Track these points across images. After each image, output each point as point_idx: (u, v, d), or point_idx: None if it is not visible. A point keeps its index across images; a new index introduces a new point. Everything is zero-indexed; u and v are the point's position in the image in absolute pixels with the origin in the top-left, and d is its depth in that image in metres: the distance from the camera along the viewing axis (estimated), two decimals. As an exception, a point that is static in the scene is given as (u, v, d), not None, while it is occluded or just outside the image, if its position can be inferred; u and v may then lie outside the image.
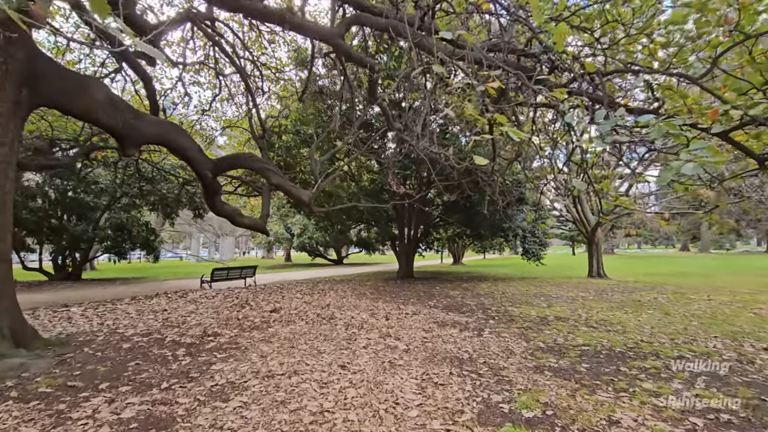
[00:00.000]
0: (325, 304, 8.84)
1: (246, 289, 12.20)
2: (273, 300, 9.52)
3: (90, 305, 8.87)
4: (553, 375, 4.08)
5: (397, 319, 7.05)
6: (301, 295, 10.73)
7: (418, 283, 14.64)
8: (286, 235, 33.22)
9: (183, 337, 5.56)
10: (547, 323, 6.81)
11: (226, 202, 9.25)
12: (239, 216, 9.12)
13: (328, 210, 11.07)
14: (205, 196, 8.79)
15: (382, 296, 10.74)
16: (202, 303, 9.12)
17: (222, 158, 8.43)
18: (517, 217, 13.63)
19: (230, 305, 8.62)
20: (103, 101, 5.84)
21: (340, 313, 7.61)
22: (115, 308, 8.43)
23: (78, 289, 13.37)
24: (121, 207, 19.06)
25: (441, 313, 7.88)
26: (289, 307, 8.38)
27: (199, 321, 6.90)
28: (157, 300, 9.67)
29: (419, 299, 10.12)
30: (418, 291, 12.06)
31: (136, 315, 7.58)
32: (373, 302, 9.39)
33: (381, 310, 8.09)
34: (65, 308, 8.34)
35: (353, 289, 12.70)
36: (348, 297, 10.41)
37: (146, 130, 6.57)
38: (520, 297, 10.42)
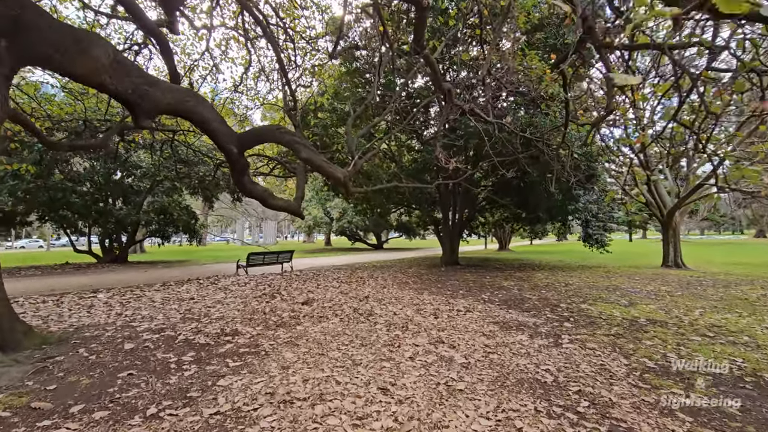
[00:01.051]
0: (363, 295, 7.85)
1: (281, 276, 11.54)
2: (306, 289, 8.68)
3: (120, 291, 8.47)
4: (694, 421, 2.77)
5: (448, 318, 5.89)
6: (337, 283, 9.84)
7: (464, 271, 13.36)
8: (326, 219, 32.83)
9: (197, 336, 4.75)
10: (641, 329, 5.36)
11: (256, 182, 8.43)
12: (271, 197, 8.26)
13: (367, 191, 10.01)
14: (232, 175, 8.00)
15: (427, 286, 9.61)
16: (232, 291, 8.46)
17: (247, 131, 7.54)
18: (583, 198, 11.85)
19: (260, 294, 7.86)
20: (108, 63, 4.99)
21: (380, 307, 6.58)
22: (143, 295, 7.94)
23: (119, 273, 13.38)
24: (164, 191, 19.18)
25: (500, 310, 6.62)
26: (323, 298, 7.47)
27: (222, 314, 6.13)
28: (187, 286, 9.15)
29: (469, 291, 8.89)
30: (467, 281, 10.80)
31: (160, 304, 6.99)
32: (418, 294, 8.29)
33: (427, 304, 6.96)
34: (93, 294, 7.95)
35: (394, 277, 11.66)
36: (389, 287, 9.39)
37: (161, 98, 5.71)
38: (590, 291, 8.89)
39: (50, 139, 8.71)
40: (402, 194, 15.59)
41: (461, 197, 15.91)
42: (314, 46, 11.85)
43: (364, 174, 14.55)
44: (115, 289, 8.85)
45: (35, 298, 7.51)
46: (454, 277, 11.82)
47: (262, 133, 7.57)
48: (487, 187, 15.28)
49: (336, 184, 8.46)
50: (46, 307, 6.56)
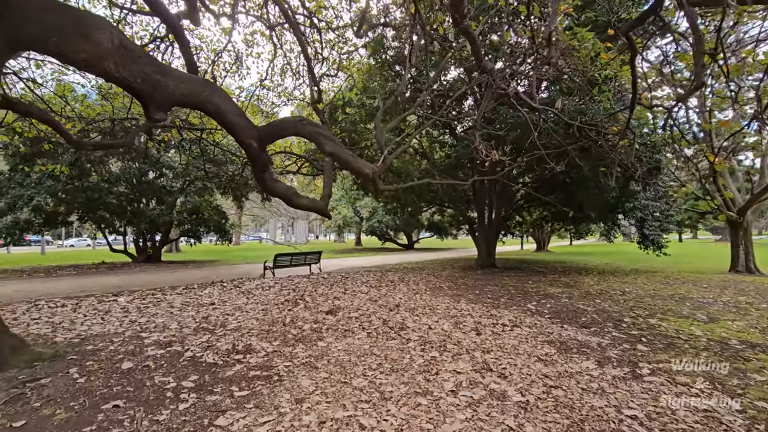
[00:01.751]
0: (393, 303, 7.12)
1: (307, 279, 11.01)
2: (332, 295, 8.06)
3: (142, 294, 8.19)
4: None
5: (493, 335, 5.06)
6: (366, 288, 9.17)
7: (503, 275, 12.35)
8: (355, 218, 32.40)
9: (206, 352, 4.19)
10: (739, 355, 4.31)
11: (278, 180, 7.89)
12: (295, 196, 7.70)
13: (397, 188, 9.28)
14: (253, 172, 7.51)
15: (464, 293, 8.76)
16: (254, 296, 7.97)
17: (268, 125, 6.99)
18: (641, 194, 10.53)
19: (282, 301, 7.30)
20: (112, 48, 4.50)
21: (412, 319, 5.82)
22: (163, 299, 7.60)
23: (150, 273, 13.36)
24: (195, 191, 19.29)
25: (552, 325, 5.70)
26: (350, 306, 6.80)
27: (239, 323, 5.59)
28: (210, 290, 8.77)
29: (512, 299, 7.97)
30: (507, 286, 9.84)
31: (178, 310, 6.56)
32: (454, 302, 7.47)
33: (466, 316, 6.13)
34: (114, 298, 7.69)
35: (427, 281, 10.86)
36: (422, 293, 8.61)
37: (174, 89, 5.20)
38: (653, 301, 7.73)
39: (76, 139, 8.58)
40: (434, 192, 14.74)
41: (497, 195, 14.87)
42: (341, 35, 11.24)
43: (395, 171, 13.84)
44: (139, 291, 8.60)
45: (57, 301, 7.32)
46: (492, 281, 10.87)
47: (283, 126, 6.98)
48: (526, 184, 14.16)
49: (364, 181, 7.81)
50: (62, 312, 6.29)
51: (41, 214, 16.09)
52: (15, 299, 7.66)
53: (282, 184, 7.60)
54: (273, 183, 7.43)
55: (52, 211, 16.42)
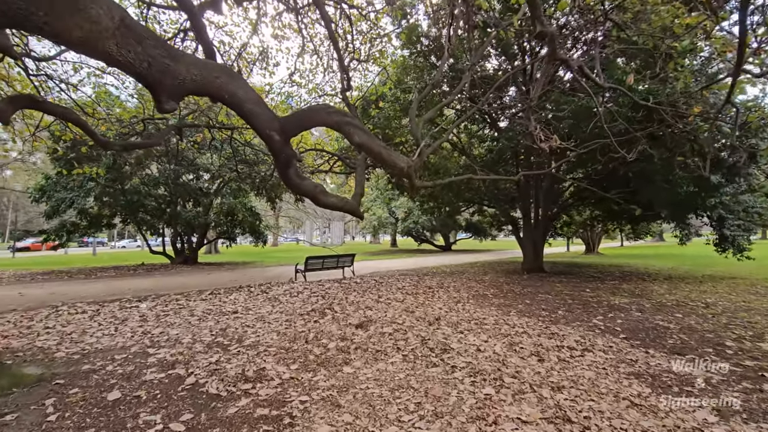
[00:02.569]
0: (433, 315, 6.22)
1: (339, 284, 10.33)
2: (365, 304, 7.28)
3: (167, 299, 7.81)
4: None
5: (560, 361, 4.06)
6: (401, 295, 8.33)
7: (553, 280, 11.09)
8: (390, 219, 31.66)
9: (211, 378, 3.52)
10: None
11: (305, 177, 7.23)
12: (323, 194, 7.00)
13: (435, 185, 8.37)
14: (276, 168, 6.91)
15: (512, 302, 7.71)
16: (280, 303, 7.35)
17: (290, 114, 6.34)
18: (725, 187, 8.94)
19: (309, 310, 6.61)
20: (112, 26, 3.94)
21: (456, 337, 4.91)
22: (186, 306, 7.14)
23: (184, 275, 13.25)
24: (230, 192, 19.30)
25: (632, 348, 4.60)
26: (383, 318, 5.99)
27: (258, 338, 4.93)
28: (236, 295, 8.28)
29: (571, 311, 6.84)
30: (561, 294, 8.65)
31: (197, 320, 6.04)
32: (503, 314, 6.47)
33: (522, 334, 5.14)
34: (137, 303, 7.33)
35: (469, 287, 9.86)
36: (464, 302, 7.66)
37: (185, 74, 4.62)
38: (752, 316, 6.32)
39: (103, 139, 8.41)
40: (474, 190, 13.66)
41: (545, 192, 13.55)
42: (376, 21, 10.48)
43: (431, 168, 12.91)
44: (166, 296, 8.25)
45: (80, 306, 7.05)
46: (542, 288, 9.70)
47: (307, 115, 6.25)
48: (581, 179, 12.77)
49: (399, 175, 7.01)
50: (78, 320, 5.93)
51: (86, 216, 16.62)
52: (45, 302, 7.51)
53: (309, 181, 6.91)
54: (299, 180, 6.75)
55: (96, 213, 16.94)
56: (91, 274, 13.64)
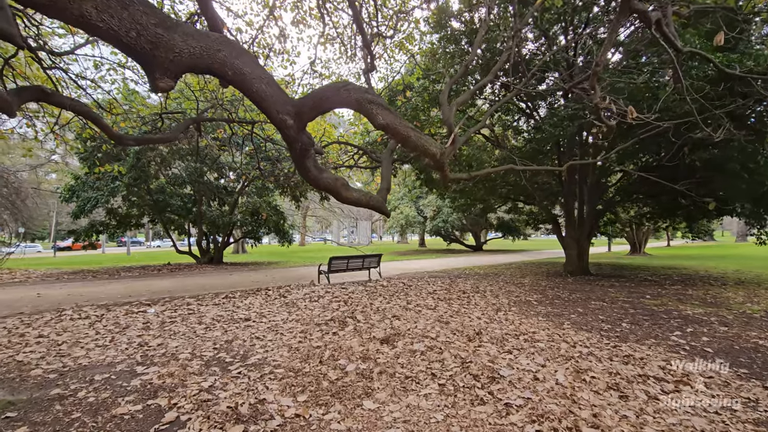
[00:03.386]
0: (472, 328, 5.29)
1: (364, 287, 9.53)
2: (391, 312, 6.43)
3: (177, 304, 7.25)
4: None
5: (650, 400, 3.04)
6: (433, 301, 7.42)
7: (603, 284, 9.83)
8: (419, 218, 30.68)
9: (194, 416, 2.76)
10: None
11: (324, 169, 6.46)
12: (344, 188, 6.22)
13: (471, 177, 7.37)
14: (292, 158, 6.19)
15: (563, 311, 6.64)
16: (298, 310, 6.61)
17: (305, 96, 5.58)
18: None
19: (328, 319, 5.82)
20: None
21: (505, 360, 3.96)
22: (196, 311, 6.54)
23: (206, 276, 12.86)
24: (255, 191, 18.96)
25: (743, 381, 3.50)
26: (413, 330, 5.11)
27: (265, 355, 4.17)
28: (251, 300, 7.62)
29: (637, 323, 5.71)
30: (618, 302, 7.47)
31: (203, 329, 5.38)
32: (556, 327, 5.44)
33: (589, 357, 4.11)
34: (144, 308, 6.80)
35: (508, 291, 8.81)
36: (506, 310, 6.66)
37: (182, 46, 3.92)
38: None
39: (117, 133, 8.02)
40: (512, 185, 12.53)
41: (590, 188, 12.23)
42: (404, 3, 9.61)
43: (464, 160, 11.90)
44: (179, 299, 7.72)
45: (85, 310, 6.58)
46: (593, 293, 8.52)
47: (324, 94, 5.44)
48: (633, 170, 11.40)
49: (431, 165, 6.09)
50: (77, 327, 5.41)
51: (115, 216, 16.68)
52: (58, 305, 7.14)
53: (329, 174, 6.11)
54: (317, 172, 5.97)
55: (125, 213, 17.00)
56: (115, 274, 13.52)
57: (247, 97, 4.60)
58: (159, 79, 3.76)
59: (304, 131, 5.33)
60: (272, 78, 4.60)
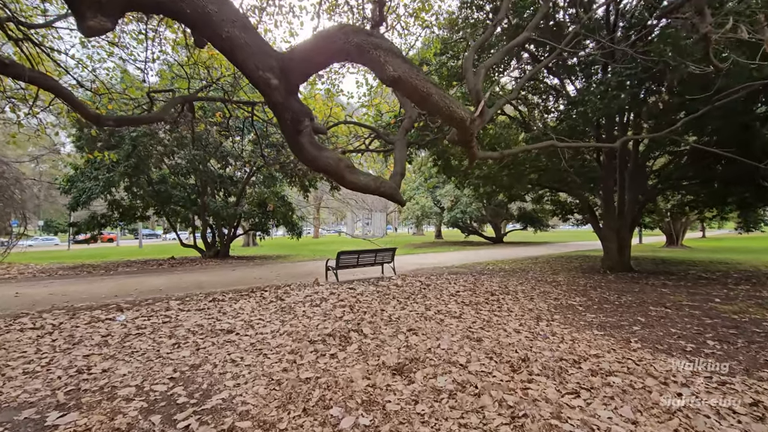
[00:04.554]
0: (514, 351, 4.04)
1: (375, 287, 8.35)
2: (407, 321, 5.23)
3: (153, 309, 6.20)
4: None
5: None
6: (457, 306, 6.18)
7: (654, 284, 8.40)
8: (435, 209, 29.30)
9: None
10: None
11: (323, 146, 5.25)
12: (349, 171, 5.02)
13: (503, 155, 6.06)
14: (283, 133, 5.01)
15: (620, 320, 5.32)
16: (294, 318, 5.47)
17: (294, 47, 4.35)
18: None
19: (328, 332, 4.65)
20: None
21: (571, 406, 2.73)
22: (173, 319, 5.47)
23: (208, 271, 11.92)
24: (261, 181, 17.95)
25: None
26: (435, 354, 3.89)
27: (235, 392, 3.02)
28: (243, 303, 6.53)
29: (727, 341, 4.36)
30: (685, 309, 6.09)
31: (172, 345, 4.29)
32: (623, 347, 4.15)
33: (693, 405, 2.84)
34: (114, 315, 5.77)
35: (544, 293, 7.51)
36: (547, 318, 5.38)
37: None
38: None
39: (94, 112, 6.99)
40: (542, 170, 11.09)
41: (631, 174, 10.73)
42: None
43: (488, 142, 10.52)
44: (161, 302, 6.69)
45: (46, 316, 5.60)
46: (647, 295, 7.13)
47: (318, 44, 4.18)
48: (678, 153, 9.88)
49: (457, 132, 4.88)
50: (16, 342, 4.39)
51: (118, 208, 15.92)
52: (32, 306, 6.22)
53: (331, 153, 4.87)
54: (315, 151, 4.74)
55: (129, 205, 16.23)
56: (113, 269, 12.72)
57: (216, 48, 3.34)
58: (90, 18, 2.60)
59: (295, 96, 4.09)
60: (248, 22, 3.34)
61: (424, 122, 10.36)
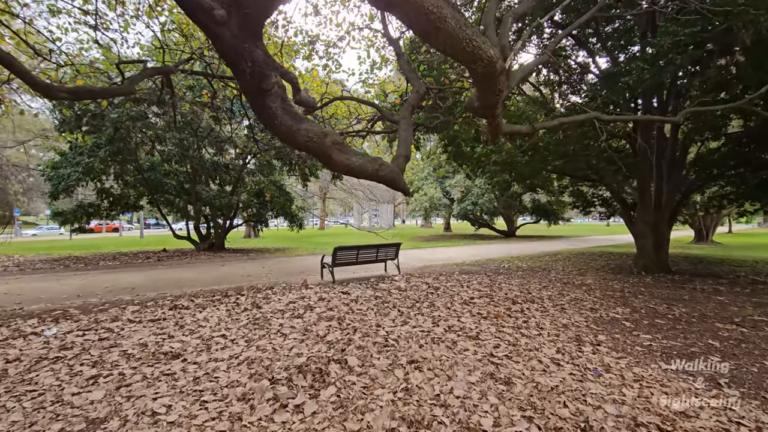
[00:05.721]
0: (559, 403, 2.82)
1: (373, 290, 7.15)
2: (409, 346, 4.03)
3: (96, 319, 5.08)
4: None
5: None
6: (473, 320, 4.96)
7: (705, 289, 7.07)
8: (444, 200, 27.94)
9: None
10: None
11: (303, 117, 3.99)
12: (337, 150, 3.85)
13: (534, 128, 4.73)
14: (245, 94, 3.79)
15: (687, 345, 4.05)
16: (264, 336, 4.29)
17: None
18: None
19: (303, 362, 3.46)
20: None
21: None
22: (115, 333, 4.34)
23: (194, 266, 10.85)
24: (259, 168, 16.82)
25: None
26: (447, 403, 2.70)
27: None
28: (212, 310, 5.37)
29: None
30: (763, 327, 4.79)
31: (86, 381, 3.15)
32: (717, 395, 2.91)
33: None
34: (43, 328, 4.67)
35: (575, 300, 6.24)
36: (593, 342, 4.13)
37: None
38: None
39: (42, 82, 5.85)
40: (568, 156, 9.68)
41: (669, 162, 9.32)
42: None
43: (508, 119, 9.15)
44: (110, 310, 5.57)
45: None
46: (702, 304, 5.83)
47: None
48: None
49: (479, 84, 3.52)
50: None
51: (107, 197, 14.94)
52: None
53: (312, 125, 3.57)
54: (291, 121, 3.54)
55: (120, 194, 15.24)
56: (93, 263, 11.76)
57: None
58: None
59: (256, 41, 2.88)
60: None
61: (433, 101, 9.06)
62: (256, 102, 3.63)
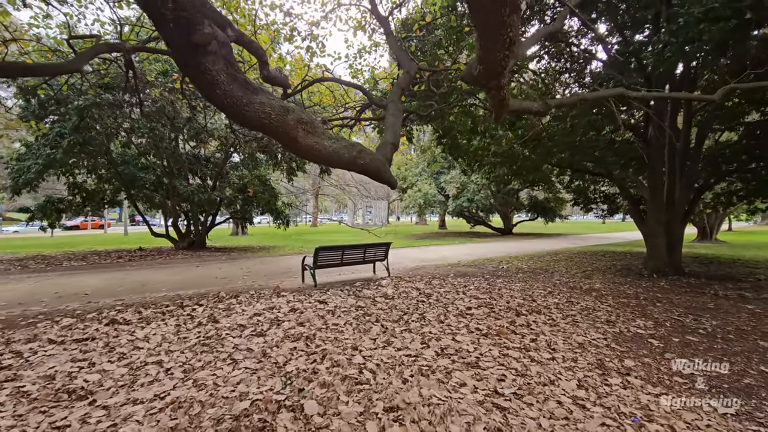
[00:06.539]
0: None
1: (356, 297, 6.29)
2: (393, 370, 3.18)
3: (21, 336, 4.17)
4: None
5: None
6: (470, 338, 4.12)
7: (728, 295, 6.29)
8: (439, 197, 27.11)
9: None
10: None
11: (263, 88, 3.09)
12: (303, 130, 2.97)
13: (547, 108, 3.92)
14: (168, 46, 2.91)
15: (734, 374, 3.25)
16: (210, 363, 3.41)
17: None
18: None
19: (247, 405, 2.61)
20: None
21: None
22: (19, 362, 3.45)
23: (167, 267, 9.92)
24: (241, 162, 15.86)
25: None
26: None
27: None
28: (158, 326, 4.47)
29: None
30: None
31: None
32: None
33: None
34: None
35: (586, 310, 5.42)
36: (618, 369, 3.31)
37: None
38: None
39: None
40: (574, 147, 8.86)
41: (683, 155, 8.54)
42: None
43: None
44: (38, 324, 4.65)
45: None
46: (730, 315, 5.04)
47: None
48: None
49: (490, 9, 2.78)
50: None
51: (80, 192, 13.92)
52: None
53: (270, 98, 2.62)
54: (241, 90, 2.50)
55: (94, 188, 14.23)
56: (55, 263, 10.79)
57: None
58: None
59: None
60: None
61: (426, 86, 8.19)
62: (190, 63, 2.74)
